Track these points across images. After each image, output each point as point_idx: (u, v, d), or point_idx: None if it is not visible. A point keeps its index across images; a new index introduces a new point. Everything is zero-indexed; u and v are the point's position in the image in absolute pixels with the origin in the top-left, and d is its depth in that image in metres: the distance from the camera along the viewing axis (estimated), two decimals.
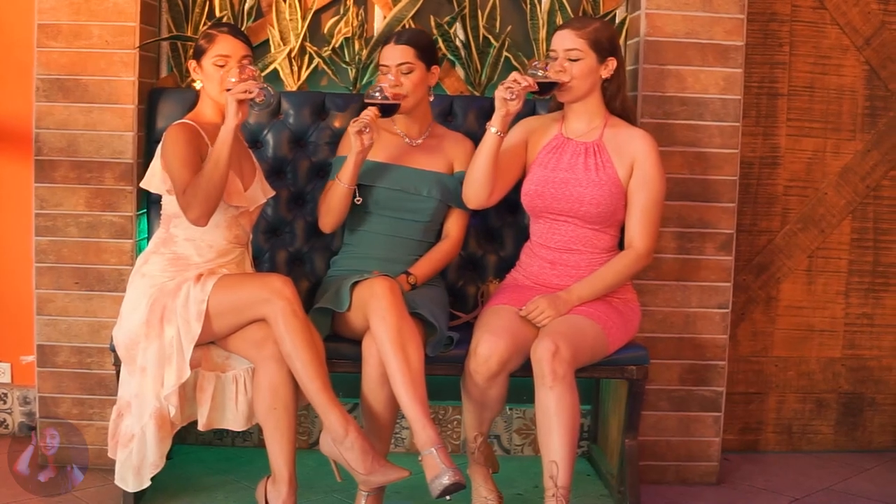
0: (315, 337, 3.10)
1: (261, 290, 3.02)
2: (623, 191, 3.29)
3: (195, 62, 3.19)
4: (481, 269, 3.75)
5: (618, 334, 3.28)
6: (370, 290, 3.12)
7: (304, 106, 3.69)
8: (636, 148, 3.28)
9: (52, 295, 3.62)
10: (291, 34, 3.75)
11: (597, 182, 3.28)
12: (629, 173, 3.30)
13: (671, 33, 3.66)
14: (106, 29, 3.54)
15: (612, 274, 3.30)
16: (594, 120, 3.35)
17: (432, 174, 3.46)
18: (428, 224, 3.48)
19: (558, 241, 3.36)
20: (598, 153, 3.32)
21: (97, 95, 3.55)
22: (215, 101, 3.19)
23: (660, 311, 3.77)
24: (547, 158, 3.36)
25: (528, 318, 3.18)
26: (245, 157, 3.29)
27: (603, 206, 3.28)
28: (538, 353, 3.03)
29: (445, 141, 3.52)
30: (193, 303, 3.04)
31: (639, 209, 3.29)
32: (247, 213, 3.23)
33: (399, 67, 3.34)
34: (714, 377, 3.81)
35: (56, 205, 3.60)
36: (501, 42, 3.83)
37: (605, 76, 3.29)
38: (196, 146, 3.09)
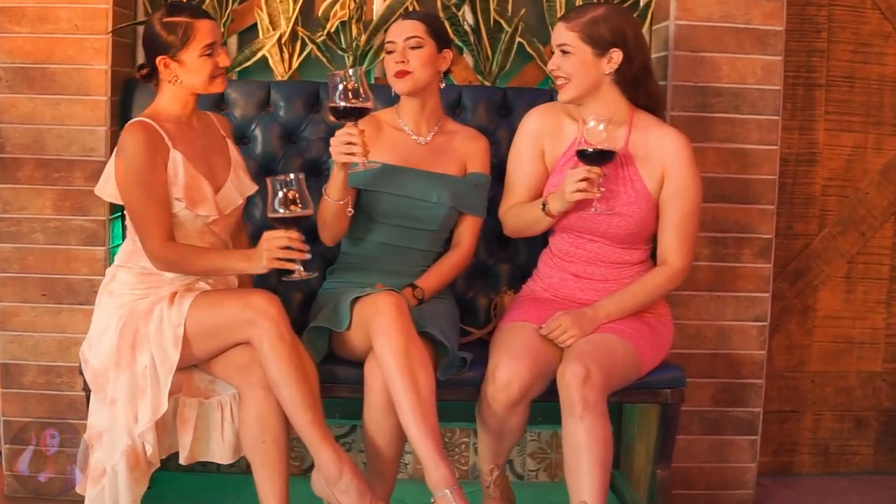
0: (306, 362, 2.86)
1: (243, 309, 2.77)
2: (654, 204, 3.06)
3: (167, 58, 2.89)
4: (494, 278, 3.53)
5: (651, 353, 3.04)
6: (373, 307, 2.86)
7: (295, 97, 3.47)
8: (667, 153, 3.04)
9: (17, 308, 3.44)
10: (282, 18, 3.57)
11: (625, 200, 3.03)
12: (660, 182, 3.06)
13: (704, 16, 3.44)
14: (75, 12, 3.35)
15: (644, 292, 3.07)
16: (616, 120, 3.06)
17: (443, 177, 3.18)
18: (437, 233, 3.21)
19: (582, 256, 3.12)
20: (625, 164, 3.06)
21: (66, 86, 3.37)
22: (185, 93, 2.94)
23: (691, 325, 3.55)
24: (569, 167, 3.07)
25: (549, 337, 2.95)
26: (216, 150, 3.03)
27: (633, 227, 3.05)
28: (566, 377, 2.79)
29: (457, 138, 3.25)
30: (169, 327, 2.80)
31: (673, 222, 3.06)
32: (222, 218, 2.97)
33: (406, 42, 3.09)
34: (750, 397, 3.60)
35: (20, 208, 3.42)
36: (514, 26, 3.62)
37: (608, 71, 3.01)
38: (154, 159, 2.84)
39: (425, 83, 3.13)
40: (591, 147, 2.84)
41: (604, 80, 3.03)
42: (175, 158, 2.86)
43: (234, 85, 3.46)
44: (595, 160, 2.86)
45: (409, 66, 3.09)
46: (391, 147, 3.16)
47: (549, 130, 3.14)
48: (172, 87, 2.93)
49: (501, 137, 3.44)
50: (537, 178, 3.13)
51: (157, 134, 2.85)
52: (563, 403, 2.81)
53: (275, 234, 2.74)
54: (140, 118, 2.88)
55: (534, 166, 3.14)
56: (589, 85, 3.02)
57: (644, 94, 3.09)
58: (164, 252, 2.83)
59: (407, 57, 3.09)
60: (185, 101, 2.95)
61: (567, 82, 3.01)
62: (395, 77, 3.09)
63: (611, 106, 3.05)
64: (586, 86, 3.02)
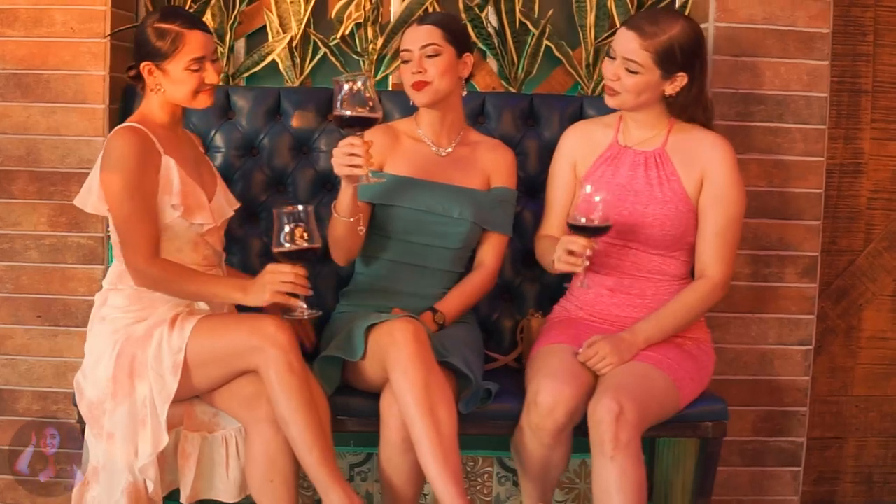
0: (317, 395, 2.71)
1: (250, 335, 2.63)
2: (692, 208, 2.93)
3: (152, 65, 2.76)
4: (520, 300, 3.36)
5: (691, 385, 2.88)
6: (389, 336, 2.70)
7: (307, 105, 3.33)
8: (707, 156, 2.92)
9: (10, 330, 3.33)
10: (293, 20, 3.44)
11: (661, 199, 2.91)
12: (699, 186, 2.93)
13: (746, 18, 3.30)
14: (71, 14, 3.25)
15: (685, 310, 2.91)
16: (657, 126, 2.98)
17: (465, 191, 3.02)
18: (458, 251, 3.05)
19: (617, 266, 2.98)
20: (662, 164, 2.95)
21: (61, 93, 3.26)
22: (173, 104, 2.83)
23: (731, 349, 3.40)
24: (601, 172, 2.99)
25: (586, 364, 2.81)
26: (202, 161, 2.96)
27: (669, 226, 2.90)
28: (598, 413, 2.65)
29: (480, 149, 3.10)
30: (168, 353, 2.65)
31: (712, 231, 2.92)
32: (215, 229, 2.86)
33: (423, 50, 2.95)
34: (793, 426, 3.46)
35: (13, 224, 3.31)
36: (541, 29, 3.48)
37: (668, 93, 2.91)
38: (146, 166, 2.72)
39: (446, 93, 2.99)
40: (582, 221, 2.73)
41: (658, 99, 2.94)
42: (168, 164, 2.75)
43: (241, 92, 3.34)
44: (584, 233, 2.74)
45: (426, 76, 2.95)
46: (409, 158, 3.02)
47: (581, 144, 3.05)
48: (155, 99, 2.83)
49: (528, 148, 3.33)
50: (572, 195, 3.03)
51: (149, 139, 2.74)
52: (592, 441, 2.67)
53: (280, 268, 2.65)
54: (129, 123, 2.77)
55: (570, 185, 3.05)
56: (644, 101, 2.92)
57: (689, 119, 2.99)
58: (151, 268, 2.70)
59: (424, 66, 2.95)
60: (172, 110, 2.85)
61: (619, 94, 2.89)
62: (413, 89, 2.96)
63: (655, 118, 2.98)
64: (639, 103, 2.91)
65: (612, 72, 2.88)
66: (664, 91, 2.90)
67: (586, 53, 3.48)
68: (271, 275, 2.64)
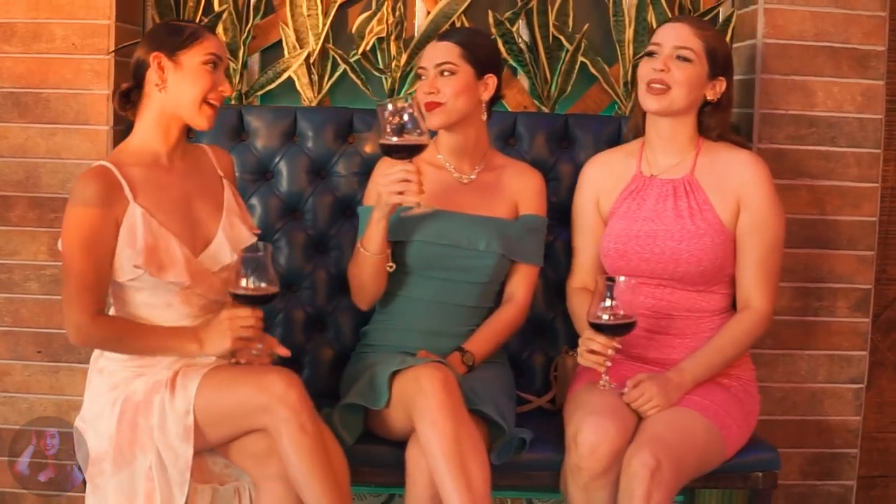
0: (333, 453, 2.54)
1: (257, 393, 2.47)
2: (730, 237, 2.80)
3: (164, 56, 2.59)
4: (552, 335, 3.23)
5: (737, 433, 2.75)
6: (416, 384, 2.55)
7: (325, 125, 3.22)
8: (741, 178, 2.80)
9: (9, 367, 3.25)
10: (310, 34, 3.38)
11: (694, 232, 2.78)
12: (735, 213, 2.81)
13: (796, 34, 3.21)
14: (72, 29, 3.17)
15: (731, 344, 2.79)
16: (685, 148, 2.86)
17: (491, 221, 2.89)
18: (486, 285, 2.91)
19: (653, 306, 2.84)
20: (692, 192, 2.82)
21: (62, 114, 3.18)
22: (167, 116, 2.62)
23: (778, 388, 3.29)
24: (626, 206, 2.88)
25: (631, 405, 2.70)
26: (206, 194, 2.73)
27: (706, 262, 2.78)
28: (633, 465, 2.53)
29: (507, 174, 2.97)
30: (174, 420, 2.49)
31: (753, 259, 2.80)
32: (207, 277, 2.64)
33: (437, 68, 2.82)
34: (843, 468, 3.35)
35: (11, 253, 3.22)
36: (576, 44, 3.40)
37: (710, 98, 2.81)
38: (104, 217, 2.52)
39: (460, 116, 2.84)
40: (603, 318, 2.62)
41: (696, 105, 2.83)
42: (133, 214, 2.55)
43: (255, 112, 3.21)
44: (605, 332, 2.63)
45: (439, 96, 2.81)
46: (430, 187, 2.86)
47: (602, 177, 2.94)
48: (152, 107, 2.62)
49: (562, 172, 3.19)
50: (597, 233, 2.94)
51: (115, 183, 2.54)
52: (622, 491, 2.56)
53: (239, 313, 2.53)
54: (101, 162, 2.59)
55: (595, 226, 2.95)
56: (688, 103, 2.80)
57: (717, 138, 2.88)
58: (93, 328, 2.52)
59: (437, 86, 2.82)
60: (167, 130, 2.63)
61: (666, 92, 2.76)
62: (426, 109, 2.80)
63: (685, 130, 2.86)
64: (686, 103, 2.79)
65: (659, 63, 2.76)
66: (705, 95, 2.81)
67: (624, 70, 3.39)
68: (231, 321, 2.53)
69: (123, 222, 2.53)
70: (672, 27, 2.79)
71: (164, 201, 2.60)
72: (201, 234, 2.65)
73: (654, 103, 2.77)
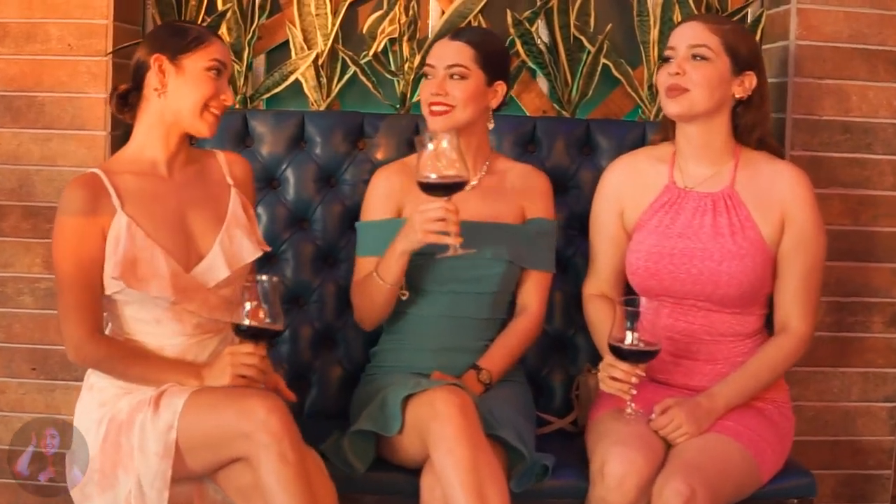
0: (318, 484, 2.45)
1: (238, 419, 2.38)
2: (772, 256, 2.70)
3: (166, 58, 2.53)
4: (573, 352, 3.15)
5: (772, 458, 2.65)
6: (431, 409, 2.47)
7: (334, 131, 3.16)
8: (786, 193, 2.69)
9: (3, 384, 3.22)
10: (319, 34, 3.32)
11: (735, 252, 2.66)
12: (779, 230, 2.70)
13: (830, 36, 3.15)
14: (68, 29, 3.13)
15: (768, 370, 2.69)
16: (721, 157, 2.73)
17: (497, 227, 2.81)
18: (497, 295, 2.83)
19: (683, 329, 2.73)
20: (733, 207, 2.70)
21: (57, 118, 3.15)
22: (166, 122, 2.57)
23: (810, 407, 3.25)
24: (657, 220, 2.75)
25: (659, 433, 2.61)
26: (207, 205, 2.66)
27: (747, 285, 2.66)
28: (665, 495, 2.44)
29: (510, 178, 2.89)
30: (153, 436, 2.42)
31: (795, 279, 2.70)
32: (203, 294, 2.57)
33: (448, 70, 2.73)
34: (877, 491, 3.31)
35: (5, 265, 3.19)
36: (598, 45, 3.34)
37: (738, 95, 2.67)
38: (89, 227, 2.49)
39: (466, 122, 2.76)
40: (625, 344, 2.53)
41: (726, 104, 2.70)
42: (119, 224, 2.49)
43: (260, 116, 3.14)
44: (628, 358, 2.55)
45: (448, 99, 2.73)
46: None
47: (628, 185, 2.82)
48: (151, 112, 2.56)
49: (583, 180, 3.12)
50: (623, 248, 2.82)
51: (103, 192, 2.49)
52: None
53: (242, 349, 2.47)
54: (91, 170, 2.54)
55: (617, 232, 2.84)
56: (712, 104, 2.66)
57: (759, 138, 2.76)
58: (91, 346, 2.49)
59: (446, 88, 2.73)
60: (167, 137, 2.57)
61: (685, 93, 2.65)
62: (430, 112, 2.74)
63: (718, 138, 2.72)
64: (709, 104, 2.66)
65: (674, 67, 2.67)
66: (733, 93, 2.69)
67: (649, 73, 3.32)
68: (231, 356, 2.48)
69: (109, 232, 2.48)
70: (684, 27, 2.71)
71: (156, 212, 2.54)
72: (195, 249, 2.59)
73: (674, 106, 2.67)
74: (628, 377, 2.52)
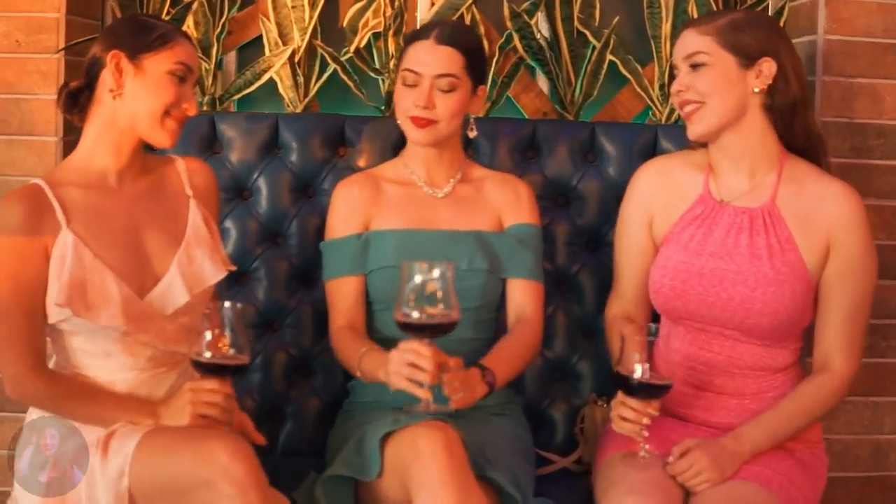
0: None
1: (197, 465, 2.22)
2: (813, 286, 2.52)
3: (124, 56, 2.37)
4: (576, 381, 2.99)
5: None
6: (412, 449, 2.32)
7: (312, 135, 3.01)
8: (833, 214, 2.51)
9: None
10: (295, 29, 3.21)
11: (773, 277, 2.48)
12: (823, 255, 2.50)
13: (863, 30, 3.06)
14: (15, 23, 3.04)
15: (804, 413, 2.51)
16: (761, 166, 2.54)
17: (470, 235, 2.68)
18: (479, 311, 2.67)
19: (707, 359, 2.55)
20: (773, 226, 2.52)
21: (3, 122, 3.06)
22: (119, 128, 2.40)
23: (838, 440, 3.11)
24: (688, 234, 2.58)
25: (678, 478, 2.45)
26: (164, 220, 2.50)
27: (783, 315, 2.48)
28: None
29: (487, 186, 2.77)
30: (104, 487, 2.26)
31: (839, 313, 2.52)
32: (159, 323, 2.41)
33: (437, 81, 2.58)
34: None
35: None
36: (605, 40, 3.22)
37: (757, 87, 2.49)
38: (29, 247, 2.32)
39: (450, 134, 2.67)
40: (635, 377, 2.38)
41: (750, 102, 2.52)
42: (64, 243, 2.32)
43: (230, 119, 3.01)
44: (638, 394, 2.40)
45: (435, 113, 2.60)
46: (398, 206, 2.72)
47: (660, 191, 2.65)
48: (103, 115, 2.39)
49: (588, 190, 2.98)
50: (650, 262, 2.65)
51: (45, 206, 2.33)
52: None
53: (204, 385, 2.30)
54: (34, 181, 2.39)
55: (645, 244, 2.67)
56: (732, 108, 2.49)
57: (801, 131, 2.56)
58: (31, 382, 2.34)
59: (434, 101, 2.60)
60: (118, 145, 2.40)
61: (700, 107, 2.50)
62: (415, 124, 2.59)
63: (756, 142, 2.53)
64: (728, 109, 2.49)
65: (680, 83, 2.54)
66: (751, 86, 2.51)
67: (660, 71, 3.19)
68: (192, 393, 2.32)
69: (53, 252, 2.32)
70: (679, 40, 2.59)
71: (105, 229, 2.37)
72: (150, 271, 2.42)
73: (693, 128, 2.53)
74: (639, 417, 2.36)
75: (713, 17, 2.56)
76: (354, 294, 2.65)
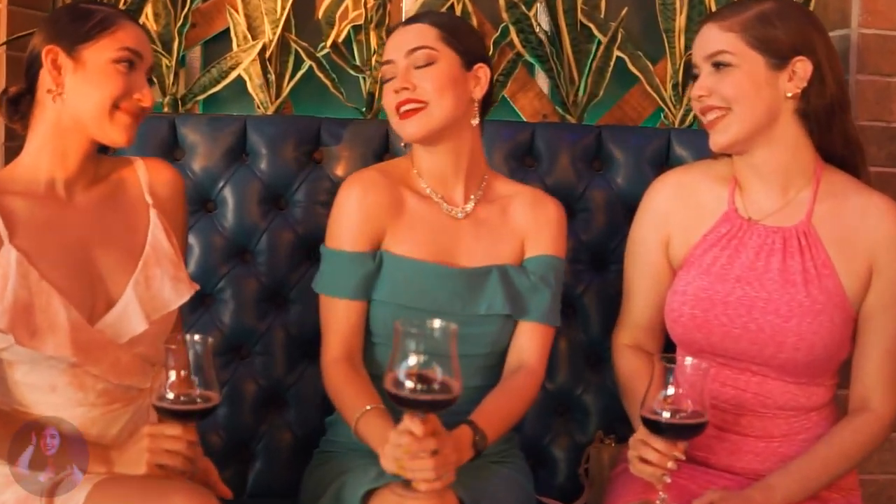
0: None
1: None
2: (852, 315, 2.33)
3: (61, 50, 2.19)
4: (580, 416, 2.83)
5: None
6: None
7: (285, 140, 2.83)
8: (875, 234, 2.32)
9: None
10: (266, 21, 3.03)
11: (808, 306, 2.28)
12: (865, 282, 2.32)
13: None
14: None
15: (842, 458, 2.31)
16: (795, 180, 2.32)
17: (493, 272, 2.41)
18: (487, 357, 2.44)
19: (732, 398, 2.34)
20: (809, 248, 2.31)
21: None
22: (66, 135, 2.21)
23: (872, 481, 2.98)
24: (712, 257, 2.37)
25: None
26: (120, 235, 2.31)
27: (819, 349, 2.28)
28: None
29: (514, 205, 2.48)
30: None
31: (882, 346, 2.32)
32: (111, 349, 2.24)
33: (410, 58, 2.34)
34: None
35: None
36: (612, 34, 3.05)
37: (790, 92, 2.25)
38: None
39: (446, 120, 2.36)
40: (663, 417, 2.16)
41: (783, 107, 2.29)
42: (7, 260, 2.15)
43: (193, 122, 2.82)
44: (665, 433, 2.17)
45: (417, 92, 2.32)
46: (414, 229, 2.43)
47: (678, 208, 2.44)
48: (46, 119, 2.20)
49: (593, 201, 2.83)
50: (666, 287, 2.42)
51: None
52: None
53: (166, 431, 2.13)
54: None
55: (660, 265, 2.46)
56: (761, 115, 2.28)
57: (839, 138, 2.34)
58: None
59: (412, 80, 2.33)
60: (64, 150, 2.21)
61: (725, 115, 2.28)
62: (399, 116, 2.33)
63: (790, 155, 2.32)
64: (757, 117, 2.28)
65: (701, 87, 2.32)
66: (784, 91, 2.29)
67: (673, 69, 3.02)
68: (151, 439, 2.14)
69: None
70: (699, 34, 2.38)
71: (52, 245, 2.18)
72: (103, 293, 2.22)
73: (716, 138, 2.31)
74: (664, 460, 2.13)
75: (738, 9, 2.35)
76: (356, 320, 2.39)
